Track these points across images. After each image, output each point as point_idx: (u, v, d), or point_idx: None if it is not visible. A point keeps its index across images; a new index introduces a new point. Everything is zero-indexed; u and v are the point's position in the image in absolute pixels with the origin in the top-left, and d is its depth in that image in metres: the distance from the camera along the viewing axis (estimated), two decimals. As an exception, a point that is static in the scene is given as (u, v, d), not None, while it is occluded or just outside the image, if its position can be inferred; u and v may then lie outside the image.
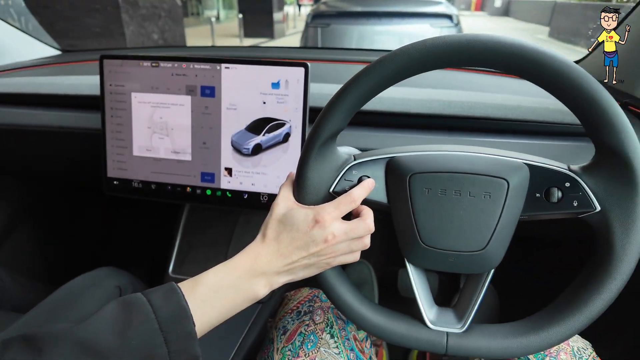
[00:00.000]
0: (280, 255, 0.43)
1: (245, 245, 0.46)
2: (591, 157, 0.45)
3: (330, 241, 0.43)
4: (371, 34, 3.70)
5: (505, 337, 0.46)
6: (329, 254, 0.44)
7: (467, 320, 0.48)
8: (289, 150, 0.68)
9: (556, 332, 0.44)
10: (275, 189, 0.69)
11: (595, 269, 0.43)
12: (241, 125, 0.69)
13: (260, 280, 0.43)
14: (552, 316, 0.45)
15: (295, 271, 0.45)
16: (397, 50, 0.43)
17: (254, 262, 0.43)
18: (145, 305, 0.37)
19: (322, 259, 0.45)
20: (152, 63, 0.70)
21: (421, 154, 0.49)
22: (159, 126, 0.72)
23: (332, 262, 0.46)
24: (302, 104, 0.66)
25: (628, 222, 0.42)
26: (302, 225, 0.44)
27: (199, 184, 0.72)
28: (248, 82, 0.67)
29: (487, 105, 0.72)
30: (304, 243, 0.43)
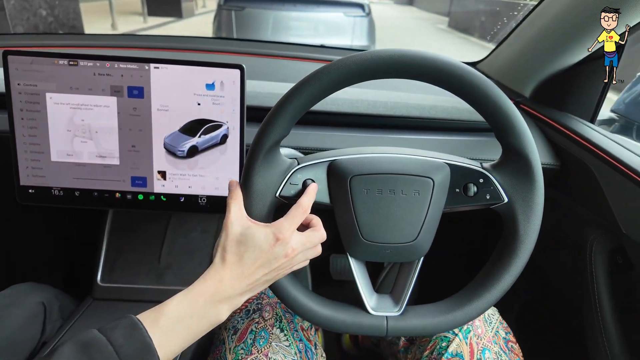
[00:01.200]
0: (244, 277, 0.44)
1: (179, 248, 0.46)
2: (496, 151, 0.53)
3: (290, 254, 0.45)
4: (287, 19, 3.70)
5: (436, 315, 0.53)
6: (287, 266, 0.47)
7: (402, 304, 0.54)
8: (227, 151, 0.68)
9: (476, 306, 0.52)
10: (214, 190, 0.69)
11: (504, 250, 0.52)
12: (174, 127, 0.67)
13: (225, 305, 0.43)
14: (472, 293, 0.53)
15: (256, 288, 0.46)
16: (337, 61, 0.47)
17: (218, 287, 0.43)
18: (106, 346, 0.36)
19: (280, 272, 0.47)
20: (69, 61, 0.64)
21: (359, 157, 0.54)
22: (80, 129, 0.67)
23: (288, 272, 0.48)
24: (239, 105, 0.66)
25: (529, 211, 0.51)
26: (264, 244, 0.44)
27: (130, 188, 0.69)
28: (180, 83, 0.65)
29: (408, 105, 0.80)
30: (266, 261, 0.44)
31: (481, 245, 1.07)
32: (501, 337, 0.59)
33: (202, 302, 0.42)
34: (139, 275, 0.81)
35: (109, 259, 0.83)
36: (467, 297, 0.53)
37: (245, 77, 0.65)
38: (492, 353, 0.56)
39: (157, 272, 0.82)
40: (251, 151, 0.50)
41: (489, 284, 0.52)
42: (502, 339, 0.59)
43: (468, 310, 0.52)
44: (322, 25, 3.80)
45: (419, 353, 0.60)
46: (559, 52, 0.79)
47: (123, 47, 0.93)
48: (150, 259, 0.84)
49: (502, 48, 0.97)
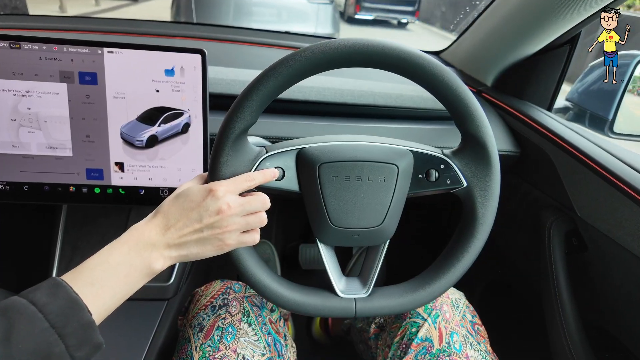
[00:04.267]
0: (168, 227, 0.42)
1: None
2: (457, 138, 0.55)
3: (225, 211, 0.43)
4: (249, 5, 3.62)
5: (401, 295, 0.54)
6: (224, 227, 0.43)
7: (370, 286, 0.55)
8: (190, 141, 0.65)
9: (438, 286, 0.54)
10: (177, 182, 0.66)
11: (463, 232, 0.54)
12: (131, 115, 0.63)
13: (151, 253, 0.41)
14: (434, 273, 0.55)
15: (188, 246, 0.43)
16: (305, 49, 0.47)
17: (140, 236, 0.42)
18: (26, 307, 0.34)
19: (216, 232, 0.43)
20: (10, 44, 0.59)
21: (327, 145, 0.54)
22: (27, 118, 0.61)
23: (228, 240, 0.44)
24: (201, 92, 0.63)
25: (486, 194, 0.53)
26: (195, 196, 0.43)
27: (85, 181, 0.65)
28: (137, 69, 0.61)
29: (374, 94, 0.79)
30: (197, 214, 0.43)
31: (443, 229, 1.10)
32: (468, 320, 0.61)
33: (126, 249, 0.41)
34: None
35: (65, 256, 0.78)
36: (430, 277, 0.54)
37: (207, 62, 0.62)
38: (459, 336, 0.57)
39: (118, 269, 0.78)
40: (218, 139, 0.49)
41: (449, 265, 0.53)
42: (469, 322, 0.61)
43: (431, 289, 0.54)
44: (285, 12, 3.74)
45: (389, 339, 0.61)
46: (519, 41, 0.81)
47: (73, 30, 0.87)
48: None
49: (464, 37, 0.98)
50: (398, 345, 0.58)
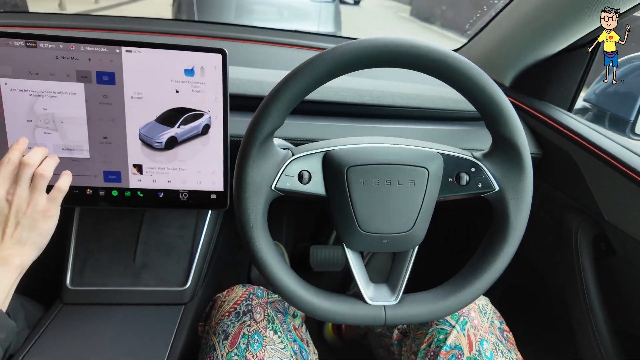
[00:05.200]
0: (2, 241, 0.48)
1: (155, 245, 0.60)
2: (480, 139, 0.53)
3: (12, 200, 0.49)
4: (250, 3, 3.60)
5: (432, 302, 0.53)
6: (26, 206, 0.50)
7: (399, 293, 0.54)
8: (210, 142, 0.63)
9: (470, 292, 0.52)
10: (197, 184, 0.65)
11: (494, 237, 0.52)
12: (150, 116, 0.61)
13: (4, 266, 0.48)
14: (465, 280, 0.53)
15: (24, 238, 0.50)
16: (334, 49, 0.46)
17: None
18: None
19: (29, 214, 0.50)
20: (27, 42, 0.57)
21: (355, 147, 0.52)
22: (43, 119, 0.60)
23: (41, 207, 0.51)
24: (221, 93, 0.62)
25: (519, 198, 0.51)
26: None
27: (102, 184, 0.63)
28: (156, 69, 0.60)
29: (393, 94, 0.78)
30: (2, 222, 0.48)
31: (470, 233, 1.08)
32: (496, 327, 0.60)
33: None
34: (113, 276, 0.76)
35: (78, 259, 0.76)
36: (461, 283, 0.53)
37: (227, 62, 0.61)
38: (490, 344, 0.56)
39: (133, 272, 0.77)
40: (245, 142, 0.48)
41: (480, 271, 0.52)
42: (497, 329, 0.59)
43: (462, 296, 0.52)
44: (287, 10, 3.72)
45: (415, 346, 0.60)
46: (540, 41, 0.80)
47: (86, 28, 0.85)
48: (125, 259, 0.78)
49: (480, 36, 0.97)
50: (425, 353, 0.57)
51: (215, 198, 0.66)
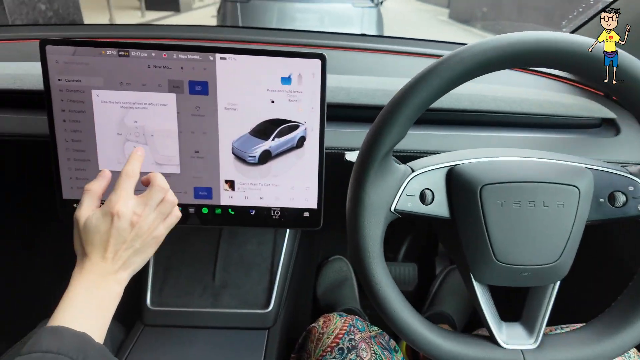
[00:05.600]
0: (103, 260, 0.44)
1: (235, 263, 0.57)
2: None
3: (137, 221, 0.45)
4: (292, 11, 3.60)
5: (580, 346, 0.45)
6: (146, 231, 0.46)
7: (539, 335, 0.46)
8: (305, 156, 0.58)
9: (631, 334, 0.44)
10: (290, 201, 0.60)
11: None
12: (244, 128, 0.57)
13: (107, 283, 0.44)
14: (622, 316, 0.45)
15: (130, 262, 0.46)
16: (461, 50, 0.40)
17: (90, 275, 0.44)
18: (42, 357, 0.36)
19: (145, 239, 0.46)
20: (119, 51, 0.54)
21: (489, 161, 0.45)
22: (133, 132, 0.56)
23: (158, 235, 0.48)
24: (319, 102, 0.56)
25: None
26: (101, 226, 0.44)
27: (192, 201, 0.59)
28: (251, 77, 0.55)
29: (495, 99, 0.70)
30: (115, 240, 0.44)
31: (617, 257, 0.96)
32: None
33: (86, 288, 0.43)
34: (192, 295, 0.72)
35: (158, 277, 0.73)
36: (617, 321, 0.45)
37: (326, 68, 0.55)
38: None
39: (213, 292, 0.73)
40: (364, 157, 0.42)
41: None
42: None
43: (620, 338, 0.44)
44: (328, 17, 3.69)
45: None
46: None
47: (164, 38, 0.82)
48: (204, 277, 0.74)
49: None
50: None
51: (308, 216, 0.60)
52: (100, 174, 0.50)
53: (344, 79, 0.66)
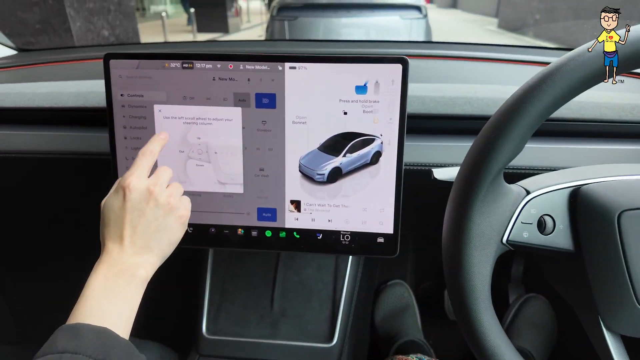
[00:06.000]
0: (120, 244, 0.41)
1: (293, 289, 0.51)
2: None
3: (154, 190, 0.42)
4: (338, 26, 3.59)
5: None
6: (165, 201, 0.43)
7: None
8: (380, 174, 0.52)
9: None
10: (361, 225, 0.53)
11: None
12: (312, 144, 0.52)
13: (126, 273, 0.40)
14: None
15: (155, 242, 0.42)
16: None
17: (110, 266, 0.40)
18: (60, 357, 0.33)
19: (166, 210, 0.43)
20: (183, 63, 0.51)
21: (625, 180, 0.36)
22: (196, 149, 0.53)
23: (180, 211, 0.44)
24: (398, 112, 0.50)
25: None
26: (115, 203, 0.42)
27: (256, 223, 0.54)
28: (323, 87, 0.50)
29: (599, 105, 0.60)
30: (131, 215, 0.41)
31: None
32: None
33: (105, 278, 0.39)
34: (249, 324, 0.67)
35: (213, 304, 0.69)
36: None
37: (408, 74, 0.49)
38: None
39: (271, 321, 0.67)
40: (471, 177, 0.34)
41: None
42: None
43: None
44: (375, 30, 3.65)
45: None
46: None
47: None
48: (261, 303, 0.69)
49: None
50: None
51: (383, 242, 0.53)
52: None
53: (415, 87, 0.60)
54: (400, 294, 1.08)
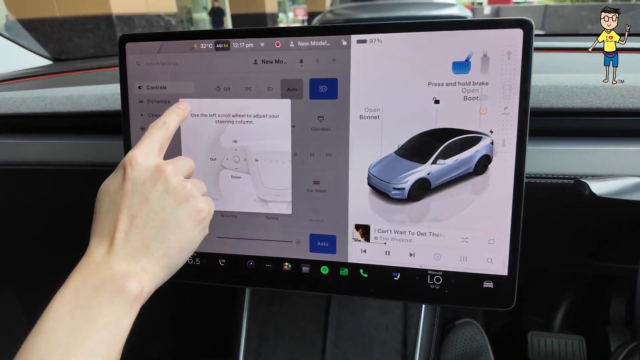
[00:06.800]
0: (108, 242, 0.29)
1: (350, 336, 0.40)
2: None
3: (165, 170, 0.30)
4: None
5: None
6: (178, 189, 0.30)
7: None
8: (489, 189, 0.36)
9: None
10: (459, 263, 0.37)
11: None
12: (388, 147, 0.37)
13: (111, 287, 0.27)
14: None
15: (156, 245, 0.29)
16: None
17: (82, 293, 0.27)
18: None
19: (177, 201, 0.30)
20: (217, 43, 0.38)
21: None
22: (231, 157, 0.40)
23: (199, 203, 0.31)
24: (517, 99, 0.34)
25: None
26: (111, 186, 0.31)
27: (308, 255, 0.40)
28: (404, 67, 0.35)
29: None
30: (129, 200, 0.29)
31: None
32: None
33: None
34: None
35: (250, 350, 0.55)
36: None
37: (532, 44, 0.34)
38: None
39: (323, 380, 0.52)
40: None
41: None
42: None
43: None
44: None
45: None
46: None
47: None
48: (309, 354, 0.55)
49: None
50: None
51: (492, 288, 0.37)
52: None
53: None
54: (471, 336, 0.90)
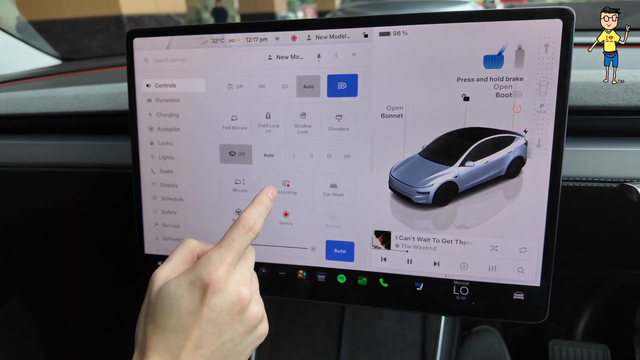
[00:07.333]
0: None
1: (366, 347, 0.39)
2: None
3: (245, 301, 0.28)
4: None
5: None
6: (252, 319, 0.28)
7: None
8: (522, 192, 0.33)
9: None
10: (488, 272, 0.34)
11: None
12: (412, 147, 0.34)
13: None
14: None
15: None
16: None
17: None
18: None
19: (246, 331, 0.28)
20: (229, 38, 0.36)
21: None
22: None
23: (262, 329, 0.30)
24: (555, 96, 0.31)
25: None
26: (184, 302, 0.27)
27: (324, 263, 0.37)
28: (432, 60, 0.33)
29: None
30: (202, 329, 0.26)
31: None
32: None
33: None
34: None
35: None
36: None
37: (573, 35, 0.31)
38: None
39: (340, 393, 0.50)
40: None
41: None
42: None
43: None
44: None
45: None
46: None
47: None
48: None
49: None
50: None
51: (522, 299, 0.34)
52: None
53: None
54: (489, 344, 0.86)
